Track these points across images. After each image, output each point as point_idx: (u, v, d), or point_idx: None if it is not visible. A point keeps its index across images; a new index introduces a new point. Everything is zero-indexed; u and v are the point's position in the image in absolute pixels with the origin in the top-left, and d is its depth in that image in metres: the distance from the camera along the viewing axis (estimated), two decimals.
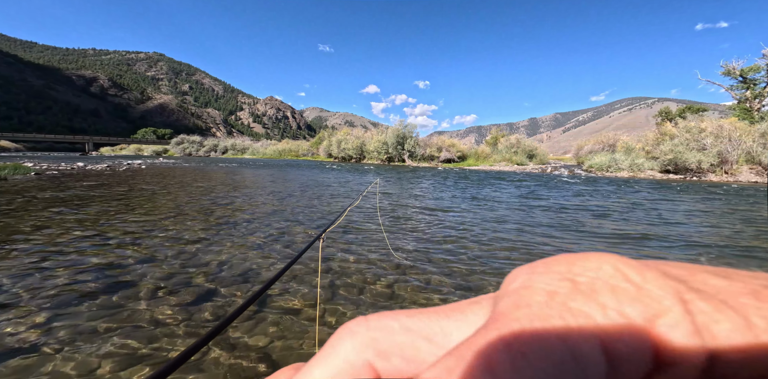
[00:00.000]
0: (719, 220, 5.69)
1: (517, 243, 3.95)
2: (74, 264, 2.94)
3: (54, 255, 3.17)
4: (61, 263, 2.97)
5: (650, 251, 3.75)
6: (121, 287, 2.51)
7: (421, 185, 11.32)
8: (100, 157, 37.61)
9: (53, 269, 2.81)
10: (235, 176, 13.65)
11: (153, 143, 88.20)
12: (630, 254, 3.60)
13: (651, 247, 3.92)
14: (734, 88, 24.51)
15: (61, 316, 2.08)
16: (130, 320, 2.06)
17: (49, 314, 2.08)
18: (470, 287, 2.64)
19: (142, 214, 5.18)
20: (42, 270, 2.79)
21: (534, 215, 5.94)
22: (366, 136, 40.49)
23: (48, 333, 1.89)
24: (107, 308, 2.19)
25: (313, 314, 2.14)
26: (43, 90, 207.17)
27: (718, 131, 17.79)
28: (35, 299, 2.29)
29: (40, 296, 2.33)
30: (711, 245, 4.03)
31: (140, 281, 2.62)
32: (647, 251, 3.77)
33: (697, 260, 3.43)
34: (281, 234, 4.16)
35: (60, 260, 3.03)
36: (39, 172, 12.72)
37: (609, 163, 21.19)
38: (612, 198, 8.47)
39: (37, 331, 1.91)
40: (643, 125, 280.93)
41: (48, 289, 2.44)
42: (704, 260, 3.46)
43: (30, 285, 2.50)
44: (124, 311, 2.16)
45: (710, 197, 9.20)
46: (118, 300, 2.31)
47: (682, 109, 31.50)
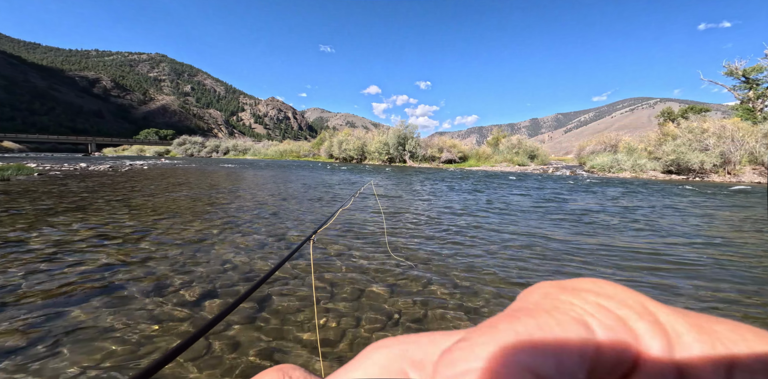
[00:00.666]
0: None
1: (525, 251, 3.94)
2: (76, 264, 2.96)
3: (55, 255, 3.19)
4: (62, 262, 2.99)
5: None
6: (121, 285, 2.53)
7: (422, 185, 11.32)
8: (102, 158, 37.77)
9: (54, 268, 2.83)
10: (237, 177, 13.69)
11: (155, 144, 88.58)
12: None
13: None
14: (737, 89, 24.39)
15: (59, 314, 2.09)
16: (129, 318, 2.07)
17: (48, 312, 2.10)
18: (474, 292, 2.63)
19: (143, 214, 5.20)
20: (43, 269, 2.81)
21: (546, 216, 5.92)
22: (367, 136, 40.51)
23: (47, 331, 1.90)
24: (106, 307, 2.20)
25: (308, 316, 2.15)
26: (46, 91, 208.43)
27: (721, 132, 17.71)
28: (35, 297, 2.30)
29: (39, 294, 2.35)
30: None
31: (141, 280, 2.63)
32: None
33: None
34: (282, 235, 4.17)
35: (61, 260, 3.05)
36: (42, 172, 12.79)
37: (611, 163, 21.12)
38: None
39: (38, 329, 1.92)
40: (645, 126, 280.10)
41: (48, 288, 2.45)
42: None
43: (30, 284, 2.51)
44: (123, 309, 2.17)
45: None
46: (117, 299, 2.32)
47: (685, 109, 31.36)
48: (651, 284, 2.79)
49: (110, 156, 53.75)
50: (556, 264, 3.22)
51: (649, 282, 2.82)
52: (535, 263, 3.23)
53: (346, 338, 1.94)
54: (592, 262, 3.31)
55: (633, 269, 3.14)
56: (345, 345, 1.87)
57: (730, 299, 2.52)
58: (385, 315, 2.20)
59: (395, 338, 0.15)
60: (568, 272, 3.03)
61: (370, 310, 2.26)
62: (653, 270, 3.10)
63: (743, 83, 23.91)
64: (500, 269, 3.07)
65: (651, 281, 2.84)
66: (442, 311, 2.26)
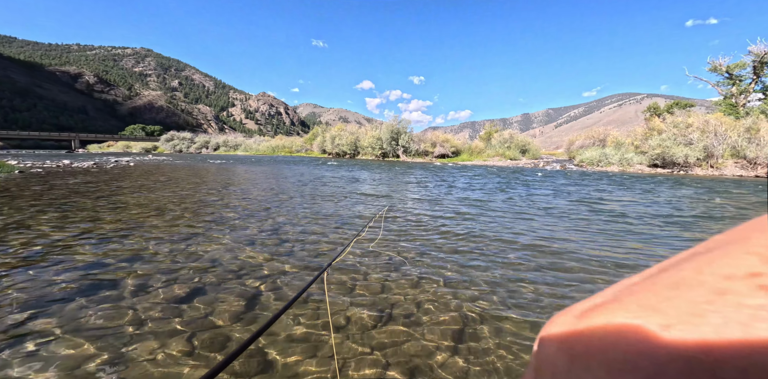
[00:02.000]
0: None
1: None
2: (58, 263, 2.90)
3: (36, 254, 3.12)
4: (44, 261, 2.93)
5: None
6: (104, 285, 2.49)
7: (416, 181, 11.36)
8: (87, 155, 36.78)
9: (36, 268, 2.77)
10: (226, 173, 13.50)
11: (142, 140, 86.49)
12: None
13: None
14: (720, 84, 24.94)
15: (42, 314, 2.05)
16: (113, 318, 2.05)
17: (31, 313, 2.06)
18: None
19: (128, 212, 5.11)
20: (24, 268, 2.75)
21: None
22: (360, 131, 40.29)
23: (27, 333, 1.87)
24: (89, 307, 2.17)
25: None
26: (28, 87, 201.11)
27: (705, 126, 18.13)
28: (17, 297, 2.25)
29: (21, 294, 2.30)
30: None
31: (125, 279, 2.60)
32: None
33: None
34: (273, 231, 4.15)
35: (43, 259, 2.98)
36: (23, 170, 12.41)
37: (599, 157, 21.47)
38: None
39: (18, 329, 1.89)
40: (632, 120, 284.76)
41: (29, 288, 2.40)
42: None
43: (10, 284, 2.46)
44: (108, 309, 2.15)
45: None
46: (101, 298, 2.29)
47: (670, 104, 31.98)
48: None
49: (95, 153, 52.33)
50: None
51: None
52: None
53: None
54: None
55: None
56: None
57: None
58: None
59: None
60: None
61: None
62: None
63: (727, 79, 24.45)
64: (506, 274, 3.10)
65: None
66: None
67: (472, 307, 2.22)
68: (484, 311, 2.17)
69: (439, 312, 2.15)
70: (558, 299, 2.36)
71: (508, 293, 2.43)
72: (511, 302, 2.30)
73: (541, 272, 2.85)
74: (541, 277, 2.74)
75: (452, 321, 2.04)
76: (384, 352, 1.74)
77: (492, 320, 2.06)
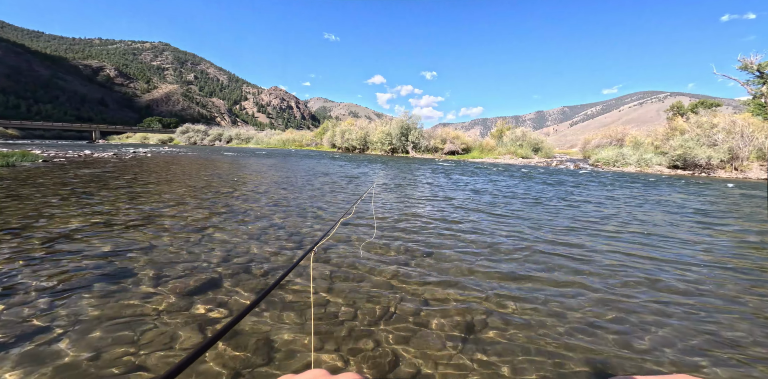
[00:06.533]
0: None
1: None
2: (80, 250, 3.01)
3: (59, 241, 3.24)
4: (66, 248, 3.04)
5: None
6: (124, 273, 2.57)
7: (425, 180, 11.28)
8: (106, 146, 37.93)
9: (58, 255, 2.88)
10: (239, 166, 13.71)
11: (158, 132, 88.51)
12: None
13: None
14: (750, 83, 23.74)
15: (63, 301, 2.14)
16: (130, 307, 2.11)
17: (52, 299, 2.15)
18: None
19: (147, 201, 5.25)
20: (46, 256, 2.86)
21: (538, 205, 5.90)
22: (370, 126, 40.20)
23: (52, 318, 1.95)
24: (108, 296, 2.25)
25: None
26: (50, 79, 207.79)
27: (731, 127, 17.36)
28: (39, 283, 2.35)
29: (44, 280, 2.40)
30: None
31: (144, 268, 2.68)
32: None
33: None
34: (283, 224, 4.20)
35: (65, 246, 3.10)
36: (47, 159, 12.88)
37: (616, 157, 20.88)
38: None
39: (42, 316, 1.97)
40: (653, 120, 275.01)
41: (52, 274, 2.50)
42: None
43: (33, 271, 2.56)
44: (124, 298, 2.22)
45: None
46: (120, 287, 2.36)
47: (695, 103, 30.69)
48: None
49: (114, 144, 53.91)
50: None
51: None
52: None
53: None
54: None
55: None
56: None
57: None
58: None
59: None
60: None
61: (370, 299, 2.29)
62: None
63: (757, 78, 23.24)
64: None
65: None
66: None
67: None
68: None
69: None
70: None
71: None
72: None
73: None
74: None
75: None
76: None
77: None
